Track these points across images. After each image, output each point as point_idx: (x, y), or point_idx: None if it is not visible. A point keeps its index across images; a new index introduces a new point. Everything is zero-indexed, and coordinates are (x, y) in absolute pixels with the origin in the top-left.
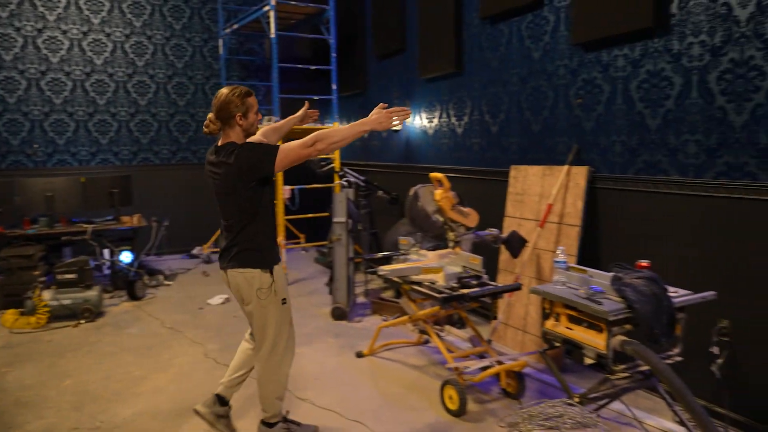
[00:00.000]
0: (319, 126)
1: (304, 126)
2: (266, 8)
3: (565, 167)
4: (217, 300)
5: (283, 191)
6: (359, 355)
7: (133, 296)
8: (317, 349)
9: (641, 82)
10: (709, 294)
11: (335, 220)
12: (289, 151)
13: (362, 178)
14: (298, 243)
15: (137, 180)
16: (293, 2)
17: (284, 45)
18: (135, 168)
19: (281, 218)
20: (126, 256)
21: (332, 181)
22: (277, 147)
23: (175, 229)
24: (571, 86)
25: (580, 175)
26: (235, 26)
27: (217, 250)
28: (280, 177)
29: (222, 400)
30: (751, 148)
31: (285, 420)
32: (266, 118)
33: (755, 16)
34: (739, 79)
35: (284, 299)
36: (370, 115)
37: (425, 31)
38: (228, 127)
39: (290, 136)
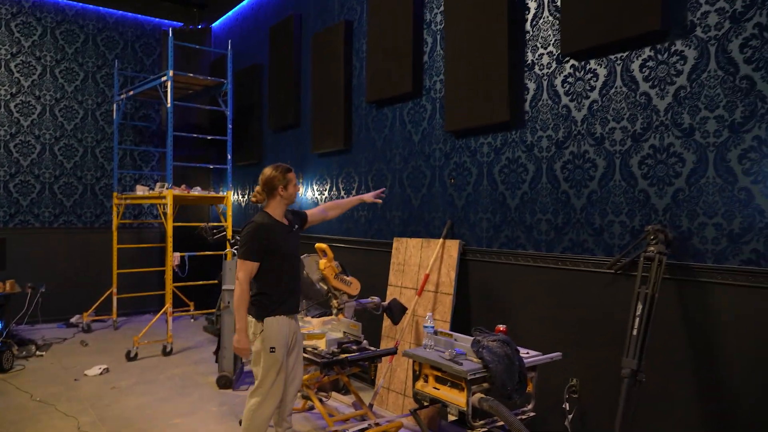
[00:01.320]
0: (213, 194)
1: (196, 194)
2: (164, 78)
3: (441, 240)
4: (95, 370)
5: (173, 258)
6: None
7: None
8: (199, 418)
9: (502, 167)
10: (556, 354)
11: (225, 287)
12: (242, 264)
13: None
14: (187, 311)
15: (13, 243)
16: (191, 74)
17: (182, 113)
18: (11, 231)
19: (169, 285)
20: None
21: (224, 248)
22: (241, 257)
23: (54, 296)
24: (445, 167)
25: (453, 247)
26: (131, 92)
27: (99, 317)
28: (170, 242)
29: None
30: (589, 227)
31: None
32: (159, 184)
33: (587, 118)
34: (578, 169)
35: (272, 348)
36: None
37: (317, 110)
38: (271, 197)
39: (182, 202)
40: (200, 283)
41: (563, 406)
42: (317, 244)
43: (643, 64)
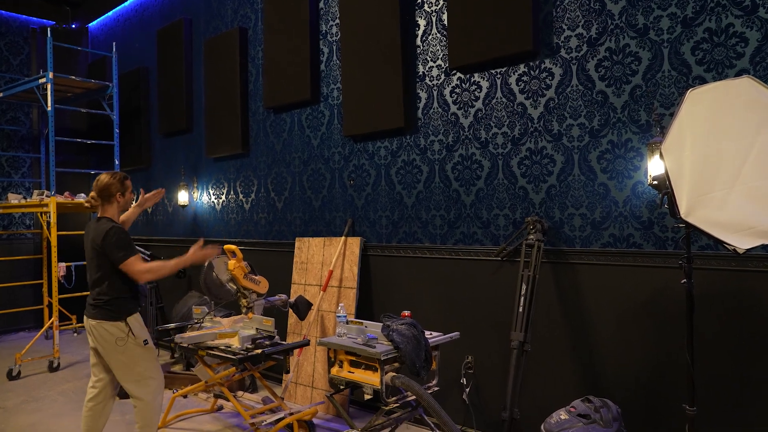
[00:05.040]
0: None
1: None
2: (42, 80)
3: (343, 238)
4: None
5: (58, 268)
6: None
7: None
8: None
9: (399, 168)
10: (454, 334)
11: None
12: (133, 267)
13: (148, 252)
14: (69, 324)
15: None
16: (73, 77)
17: (59, 116)
18: None
19: (55, 297)
20: None
21: None
22: (130, 255)
23: None
24: (344, 170)
25: (354, 244)
26: (1, 94)
27: None
28: (54, 252)
29: None
30: (477, 221)
31: None
32: (37, 192)
33: (473, 124)
34: (466, 170)
35: (146, 340)
36: (189, 252)
37: (212, 115)
38: (107, 204)
39: (63, 210)
40: (86, 294)
41: (461, 381)
42: (226, 246)
43: (519, 79)
